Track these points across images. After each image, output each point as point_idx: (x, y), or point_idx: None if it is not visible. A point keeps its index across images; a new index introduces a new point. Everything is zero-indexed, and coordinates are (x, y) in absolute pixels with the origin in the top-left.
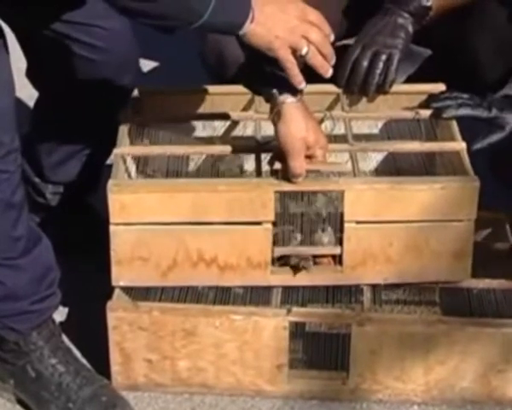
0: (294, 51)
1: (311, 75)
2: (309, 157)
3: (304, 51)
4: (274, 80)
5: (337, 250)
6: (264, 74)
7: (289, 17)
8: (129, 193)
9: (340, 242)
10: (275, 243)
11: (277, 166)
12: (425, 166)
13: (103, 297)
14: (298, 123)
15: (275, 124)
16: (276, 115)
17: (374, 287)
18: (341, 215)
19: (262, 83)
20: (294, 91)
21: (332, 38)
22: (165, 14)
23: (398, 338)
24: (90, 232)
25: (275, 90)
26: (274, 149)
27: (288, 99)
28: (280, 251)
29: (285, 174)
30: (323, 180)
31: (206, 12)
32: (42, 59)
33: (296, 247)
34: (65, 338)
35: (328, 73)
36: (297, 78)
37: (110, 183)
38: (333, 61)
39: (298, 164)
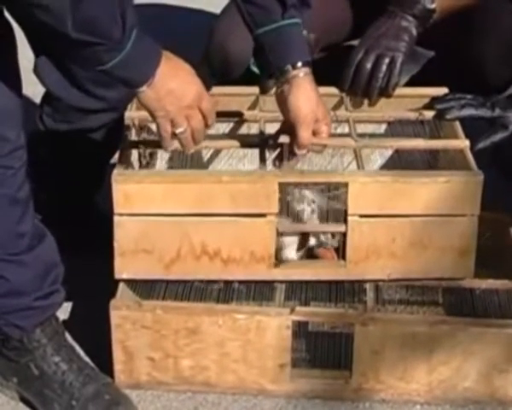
0: (172, 124)
1: (316, 78)
2: (313, 133)
3: (179, 130)
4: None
5: (342, 228)
6: (276, 52)
7: (184, 97)
8: (133, 183)
9: (344, 220)
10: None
11: (282, 139)
12: (430, 167)
13: (107, 295)
14: (310, 95)
15: (284, 96)
16: (287, 85)
17: (377, 287)
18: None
19: (275, 60)
20: (307, 63)
21: (211, 127)
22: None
23: (401, 338)
24: (94, 230)
25: (289, 66)
26: (278, 131)
27: (300, 73)
28: (285, 227)
29: (290, 148)
30: (327, 172)
31: (108, 63)
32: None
33: (301, 224)
34: (68, 336)
35: (190, 151)
36: (166, 143)
37: (115, 172)
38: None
39: (307, 135)
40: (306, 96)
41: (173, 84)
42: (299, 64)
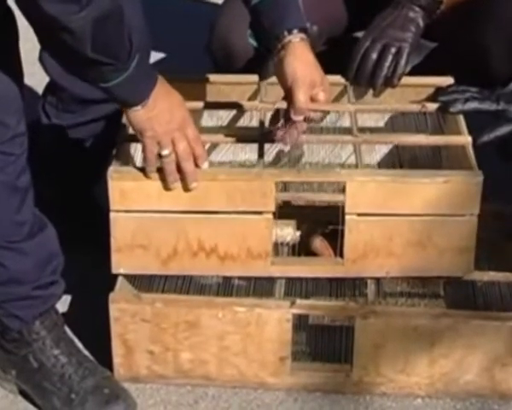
0: (159, 146)
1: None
2: (311, 100)
3: (164, 153)
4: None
5: (340, 198)
6: (272, 20)
7: (172, 120)
8: (129, 180)
9: (343, 190)
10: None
11: (279, 104)
12: (430, 161)
13: (106, 289)
14: (307, 59)
15: (281, 62)
16: (283, 51)
17: (378, 279)
18: (342, 207)
19: (271, 28)
20: (303, 30)
21: (203, 159)
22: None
23: (402, 331)
24: (93, 223)
25: (285, 32)
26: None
27: (296, 38)
28: (283, 196)
29: (287, 114)
30: (325, 171)
31: (111, 82)
32: None
33: (299, 193)
34: (67, 329)
35: (172, 184)
36: (151, 164)
37: (110, 169)
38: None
39: (303, 98)
40: (303, 59)
41: (164, 106)
42: (295, 30)
